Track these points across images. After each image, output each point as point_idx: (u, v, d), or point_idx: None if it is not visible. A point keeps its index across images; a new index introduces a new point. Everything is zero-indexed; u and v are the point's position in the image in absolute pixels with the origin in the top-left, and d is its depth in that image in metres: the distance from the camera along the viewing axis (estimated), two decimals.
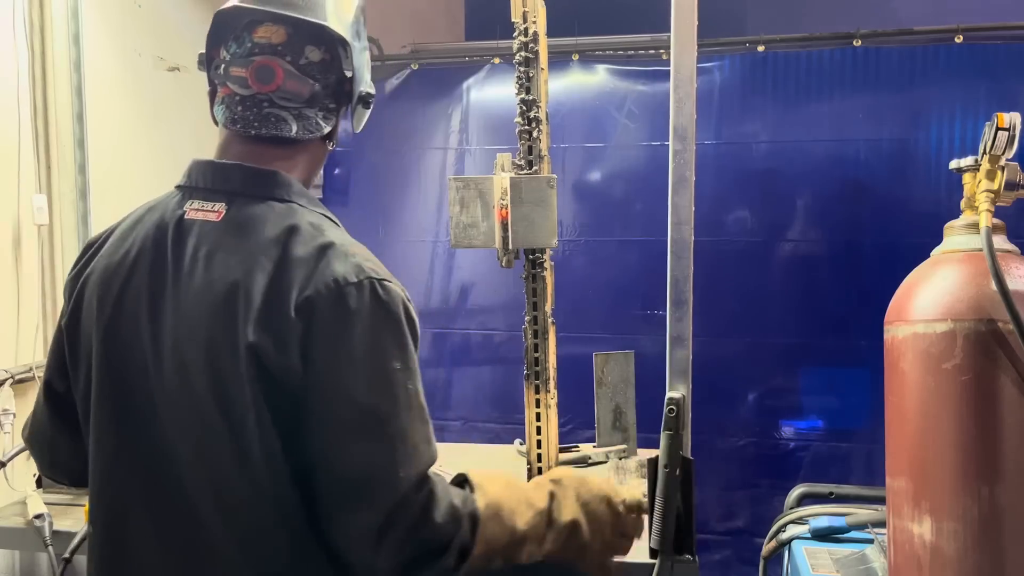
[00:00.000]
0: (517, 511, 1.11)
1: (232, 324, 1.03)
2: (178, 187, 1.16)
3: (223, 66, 1.16)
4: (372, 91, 1.26)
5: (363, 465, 1.01)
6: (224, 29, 1.18)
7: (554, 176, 1.92)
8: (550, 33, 1.97)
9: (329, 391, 1.02)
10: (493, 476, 1.15)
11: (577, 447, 2.30)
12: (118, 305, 1.11)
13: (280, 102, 1.15)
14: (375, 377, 1.03)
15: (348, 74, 1.20)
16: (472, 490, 1.10)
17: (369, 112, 1.29)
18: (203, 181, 1.14)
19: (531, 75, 1.92)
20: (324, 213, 1.16)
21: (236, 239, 1.08)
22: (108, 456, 1.12)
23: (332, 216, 1.18)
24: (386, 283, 1.07)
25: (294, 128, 1.16)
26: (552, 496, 1.17)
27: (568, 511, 1.16)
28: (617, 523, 1.21)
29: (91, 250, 1.20)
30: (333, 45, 1.18)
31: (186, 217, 1.11)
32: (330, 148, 1.26)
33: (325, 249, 1.06)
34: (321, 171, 1.35)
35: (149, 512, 1.09)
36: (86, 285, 1.16)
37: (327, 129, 1.21)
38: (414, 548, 1.01)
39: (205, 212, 1.11)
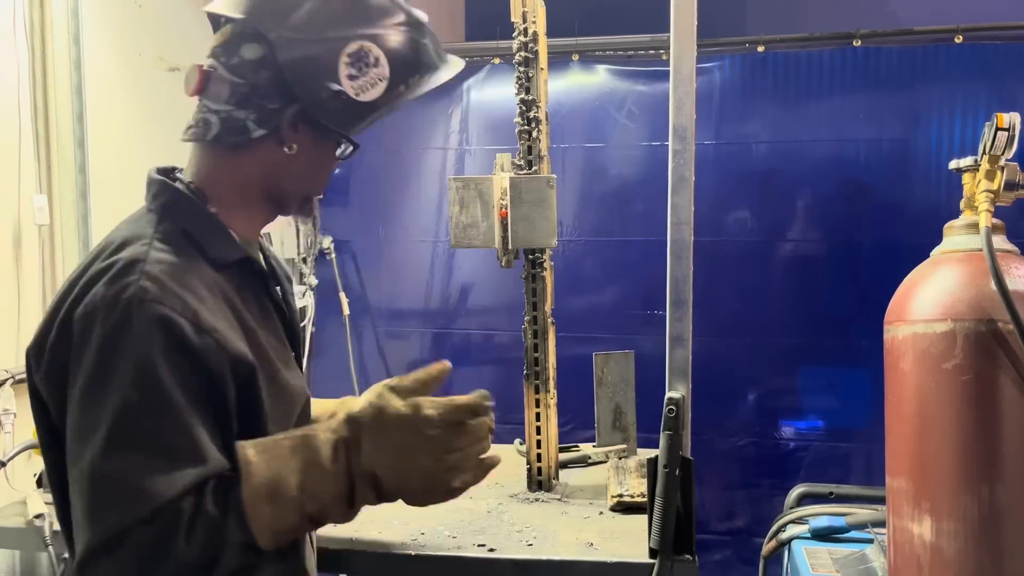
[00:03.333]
0: (295, 478, 0.96)
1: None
2: None
3: None
4: (340, 87, 1.10)
5: (79, 509, 0.94)
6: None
7: (554, 176, 1.92)
8: (550, 33, 1.97)
9: (69, 423, 0.98)
10: (268, 445, 1.00)
11: (577, 447, 2.30)
12: None
13: (211, 106, 1.12)
14: (102, 412, 0.93)
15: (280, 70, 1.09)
16: (238, 473, 0.96)
17: (362, 118, 1.14)
18: None
19: (531, 75, 1.92)
20: (187, 227, 1.08)
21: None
22: None
23: (198, 233, 1.09)
24: (149, 303, 0.95)
25: (213, 131, 1.12)
26: (342, 444, 0.99)
27: (365, 460, 0.99)
28: (438, 440, 1.01)
29: None
30: (269, 40, 1.10)
31: None
32: (289, 151, 1.12)
33: (110, 268, 1.00)
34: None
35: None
36: None
37: (258, 132, 1.10)
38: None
39: None
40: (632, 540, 1.65)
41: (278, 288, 1.24)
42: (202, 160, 1.15)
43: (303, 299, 3.33)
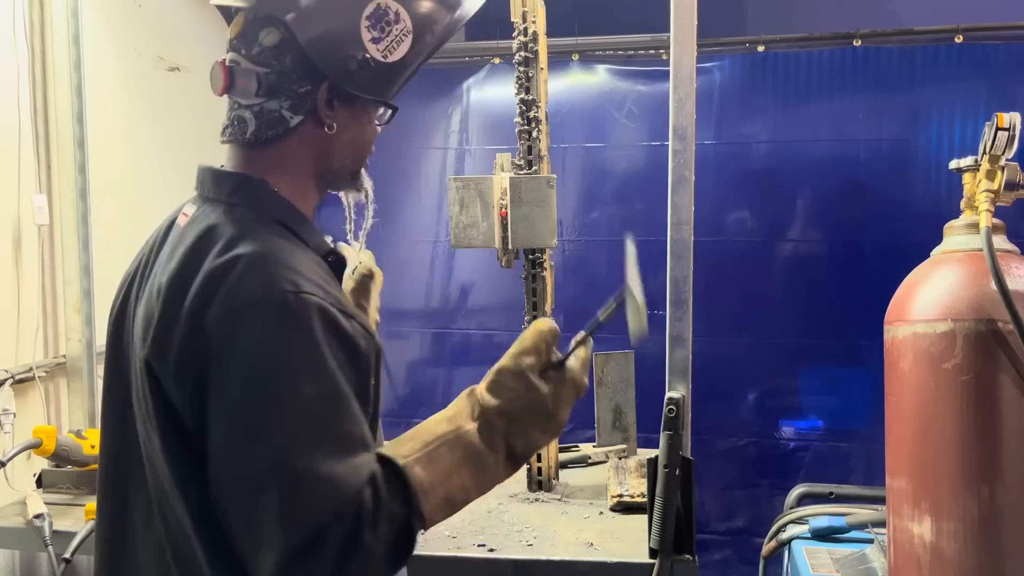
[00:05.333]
0: (471, 479, 1.01)
1: (144, 338, 0.99)
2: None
3: None
4: (366, 53, 1.06)
5: (267, 512, 0.89)
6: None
7: (554, 176, 1.92)
8: (550, 33, 1.98)
9: (227, 431, 0.91)
10: (429, 456, 1.00)
11: (577, 447, 2.30)
12: (121, 310, 1.11)
13: (243, 103, 1.07)
14: (279, 411, 0.90)
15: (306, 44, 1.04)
16: (390, 462, 0.96)
17: (394, 80, 1.10)
18: (196, 184, 1.11)
19: (531, 75, 1.93)
20: (281, 219, 1.05)
21: (173, 247, 1.03)
22: (107, 458, 1.11)
23: (293, 223, 1.06)
24: (303, 294, 0.93)
25: (250, 128, 1.07)
26: (511, 437, 1.03)
27: (538, 442, 1.05)
28: (538, 391, 1.02)
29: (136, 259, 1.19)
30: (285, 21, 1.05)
31: (175, 222, 1.09)
32: (330, 131, 1.09)
33: (235, 261, 0.95)
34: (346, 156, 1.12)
35: (137, 522, 1.05)
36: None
37: (296, 119, 1.06)
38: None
39: (183, 216, 1.08)
40: (632, 540, 1.65)
41: None
42: (247, 158, 1.09)
43: None
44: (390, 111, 1.16)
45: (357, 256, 1.45)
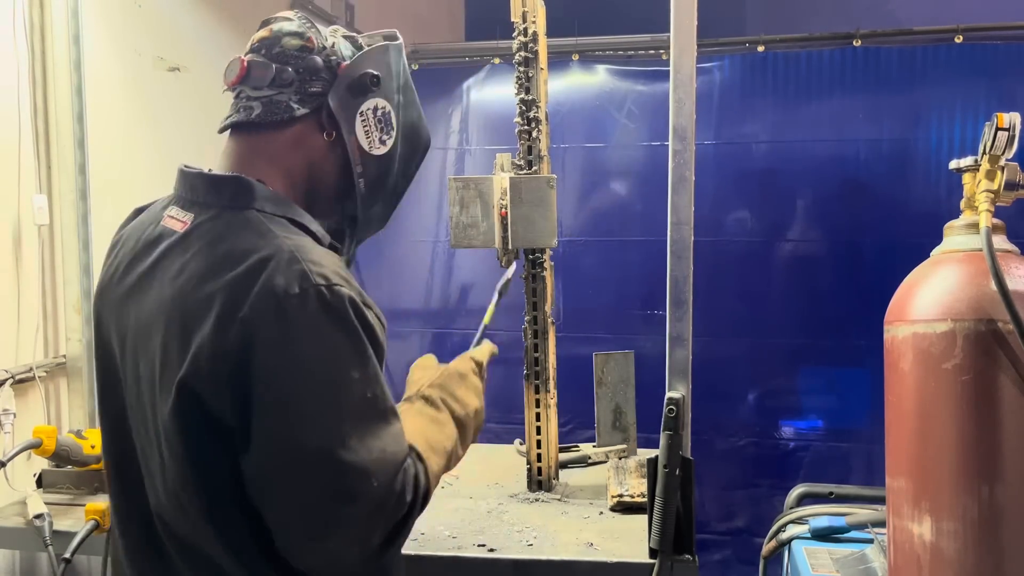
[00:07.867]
0: (440, 434, 1.17)
1: (168, 348, 1.00)
2: (174, 190, 1.15)
3: None
4: (373, 72, 1.17)
5: (333, 490, 0.96)
6: None
7: (554, 176, 1.92)
8: (550, 33, 1.98)
9: (282, 420, 0.96)
10: (409, 410, 1.20)
11: (577, 447, 2.30)
12: (107, 316, 1.15)
13: (253, 92, 1.12)
14: (333, 395, 0.97)
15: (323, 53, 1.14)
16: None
17: (372, 98, 1.18)
18: (180, 188, 1.13)
19: (531, 75, 1.93)
20: (288, 216, 1.09)
21: (185, 255, 1.04)
22: (110, 467, 1.16)
23: (299, 218, 1.10)
24: (335, 287, 0.99)
25: (256, 111, 1.11)
26: (446, 400, 1.24)
27: (468, 400, 1.28)
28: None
29: (109, 255, 1.22)
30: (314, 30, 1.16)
31: (161, 223, 1.11)
32: (328, 138, 1.15)
33: (265, 261, 0.98)
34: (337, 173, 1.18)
35: (137, 527, 1.11)
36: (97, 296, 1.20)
37: (301, 111, 1.12)
38: (396, 533, 1.02)
39: (174, 221, 1.09)
40: (632, 540, 1.65)
41: None
42: (243, 147, 1.13)
43: None
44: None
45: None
